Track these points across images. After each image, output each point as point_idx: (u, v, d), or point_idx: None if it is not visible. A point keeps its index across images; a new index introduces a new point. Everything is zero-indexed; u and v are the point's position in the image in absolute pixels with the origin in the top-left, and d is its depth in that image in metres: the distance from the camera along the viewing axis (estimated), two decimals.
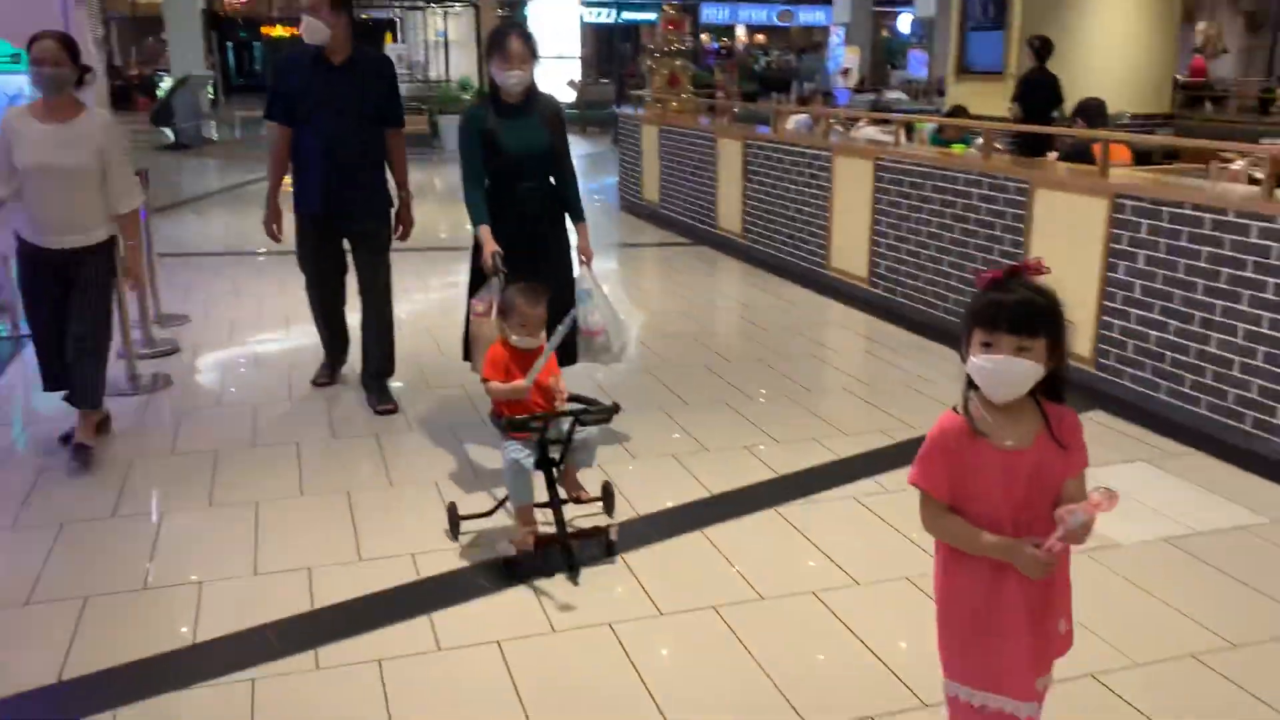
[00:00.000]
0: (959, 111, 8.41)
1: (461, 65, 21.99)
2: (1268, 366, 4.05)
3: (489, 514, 3.41)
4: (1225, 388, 4.23)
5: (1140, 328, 4.63)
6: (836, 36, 29.86)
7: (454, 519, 3.38)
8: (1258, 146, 4.50)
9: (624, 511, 3.58)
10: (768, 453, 4.16)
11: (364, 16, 26.86)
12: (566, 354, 3.84)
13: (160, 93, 24.28)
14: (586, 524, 3.37)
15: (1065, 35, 9.68)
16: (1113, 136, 5.57)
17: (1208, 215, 4.27)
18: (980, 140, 6.53)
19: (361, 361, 4.78)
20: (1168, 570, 3.23)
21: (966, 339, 1.77)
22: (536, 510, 3.19)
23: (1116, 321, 4.73)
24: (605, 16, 32.25)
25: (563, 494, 3.27)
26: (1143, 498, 3.74)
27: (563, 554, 3.13)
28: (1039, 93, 7.79)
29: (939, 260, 5.99)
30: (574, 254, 4.13)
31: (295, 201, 4.56)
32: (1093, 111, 6.32)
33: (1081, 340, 4.91)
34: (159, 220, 7.36)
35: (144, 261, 4.18)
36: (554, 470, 3.22)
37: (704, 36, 40.02)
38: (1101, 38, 9.82)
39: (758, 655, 2.74)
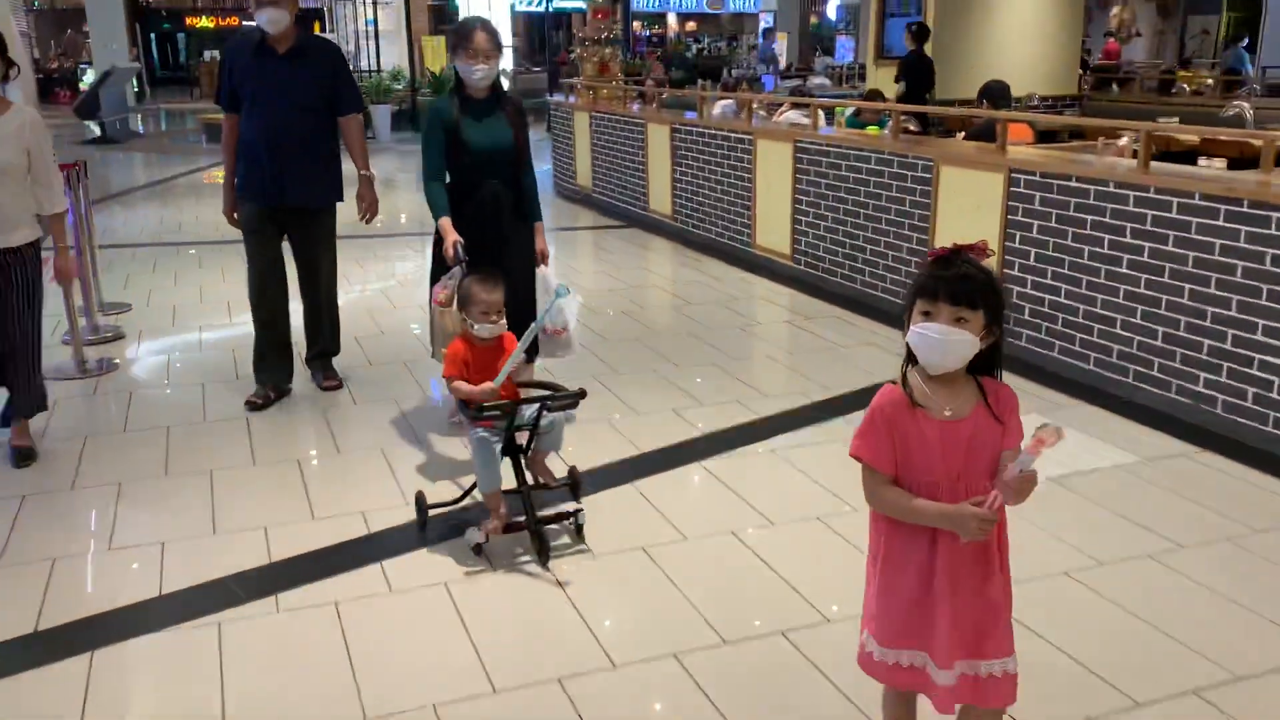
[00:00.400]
0: (875, 95, 8.78)
1: (391, 56, 21.93)
2: (1145, 324, 4.44)
3: (457, 503, 3.43)
4: (1110, 344, 4.63)
5: (1035, 292, 5.01)
6: (764, 22, 30.37)
7: (421, 508, 3.40)
8: (1138, 124, 4.90)
9: (560, 469, 3.85)
10: (693, 414, 4.46)
11: None
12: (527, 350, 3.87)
13: (83, 85, 23.95)
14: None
15: (978, 21, 10.16)
16: (1012, 116, 5.97)
17: (1091, 187, 4.66)
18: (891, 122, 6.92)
19: (307, 343, 4.83)
20: (1049, 503, 3.59)
21: (908, 312, 1.84)
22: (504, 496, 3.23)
23: (1015, 287, 5.12)
24: (536, 5, 32.22)
25: (530, 479, 3.30)
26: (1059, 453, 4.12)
27: (533, 540, 3.17)
28: (916, 74, 8.61)
29: (855, 235, 6.35)
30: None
31: (241, 189, 4.52)
32: (996, 93, 6.72)
33: None
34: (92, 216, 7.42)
35: (74, 261, 4.11)
36: (521, 456, 3.26)
37: (635, 25, 40.26)
38: (1012, 23, 10.30)
39: (681, 586, 3.04)
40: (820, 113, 7.55)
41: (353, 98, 4.59)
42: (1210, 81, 12.60)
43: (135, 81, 23.53)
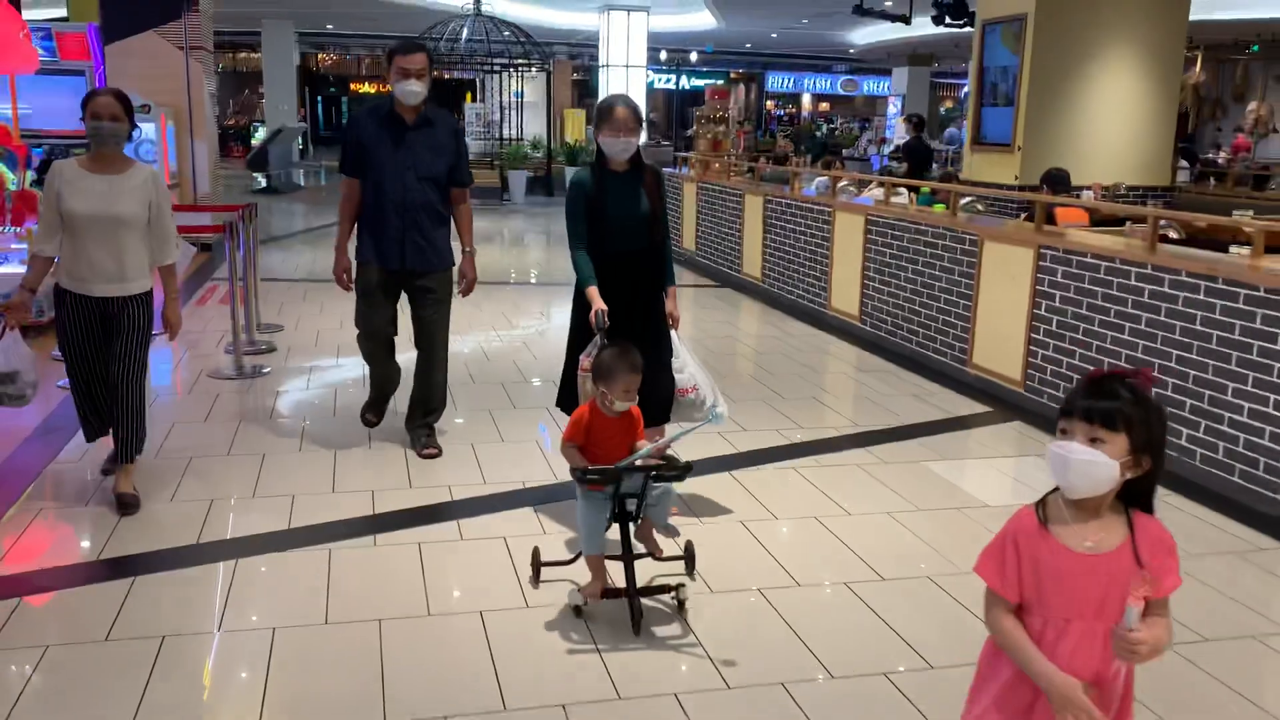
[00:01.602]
0: (949, 177, 9.43)
1: (534, 125, 23.50)
2: (1159, 388, 4.99)
3: (570, 562, 3.50)
4: None
5: (1056, 355, 5.60)
6: (894, 106, 31.10)
7: (536, 564, 3.51)
8: (1150, 210, 5.48)
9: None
10: (734, 437, 5.21)
11: (448, 76, 28.77)
12: (656, 414, 3.98)
13: (254, 141, 26.40)
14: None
15: (1069, 110, 10.71)
16: (1057, 200, 6.58)
17: (1102, 263, 5.27)
18: (965, 201, 7.60)
19: (410, 405, 4.93)
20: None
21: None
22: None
23: (1041, 352, 5.72)
24: (668, 82, 33.74)
25: (638, 549, 3.35)
26: (1029, 480, 4.72)
27: (630, 609, 3.18)
28: (916, 156, 9.96)
29: (913, 300, 7.02)
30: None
31: (360, 253, 4.66)
32: (1055, 180, 7.32)
33: (1013, 366, 5.91)
34: (258, 251, 8.68)
35: (181, 311, 4.30)
36: (629, 525, 3.29)
37: (769, 104, 41.50)
38: (1103, 113, 10.79)
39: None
40: (906, 191, 8.28)
41: (467, 171, 4.76)
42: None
43: (301, 139, 25.84)
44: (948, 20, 14.28)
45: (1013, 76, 10.89)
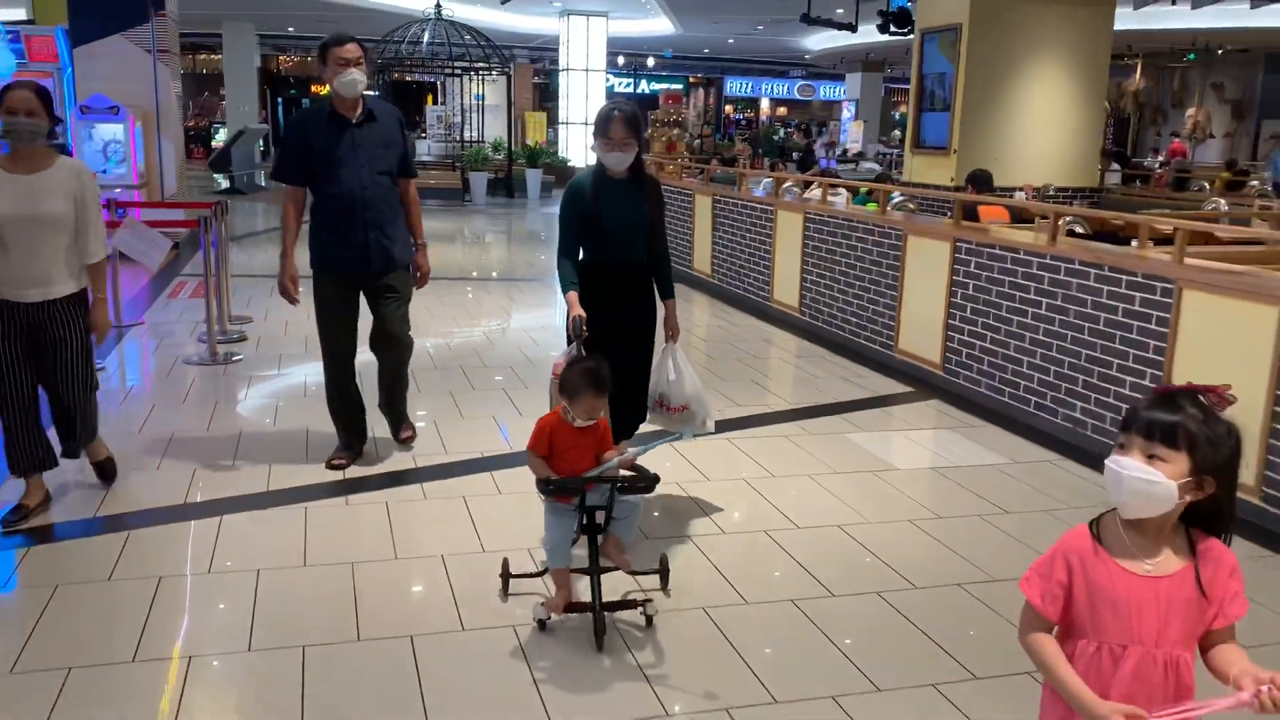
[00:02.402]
0: (884, 178, 9.98)
1: (495, 127, 23.87)
2: (1042, 364, 5.54)
3: (539, 574, 3.46)
4: (1019, 380, 5.72)
5: (970, 339, 6.13)
6: (848, 111, 31.83)
7: (504, 576, 3.47)
8: (1052, 207, 6.03)
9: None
10: None
11: (409, 79, 29.03)
12: (626, 426, 4.01)
13: (215, 143, 26.54)
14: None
15: (1001, 116, 11.31)
16: (978, 199, 7.11)
17: (1009, 254, 5.80)
18: (896, 200, 8.14)
19: (385, 397, 4.91)
20: (922, 481, 4.72)
21: None
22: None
23: (956, 336, 6.25)
24: (628, 86, 34.19)
25: (606, 563, 3.27)
26: (938, 449, 5.24)
27: (594, 624, 3.13)
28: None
29: (847, 291, 7.53)
30: (659, 329, 4.14)
31: (320, 262, 4.48)
32: (978, 180, 7.88)
33: (933, 350, 6.44)
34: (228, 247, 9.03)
35: (110, 313, 4.07)
36: (597, 538, 3.23)
37: (728, 108, 42.14)
38: (1034, 119, 11.41)
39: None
40: (843, 191, 8.81)
41: (412, 162, 4.64)
42: (1210, 182, 13.46)
43: (262, 141, 26.03)
44: (892, 29, 14.90)
45: (949, 83, 11.48)
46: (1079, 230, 6.65)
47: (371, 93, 4.49)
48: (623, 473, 3.23)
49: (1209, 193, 11.82)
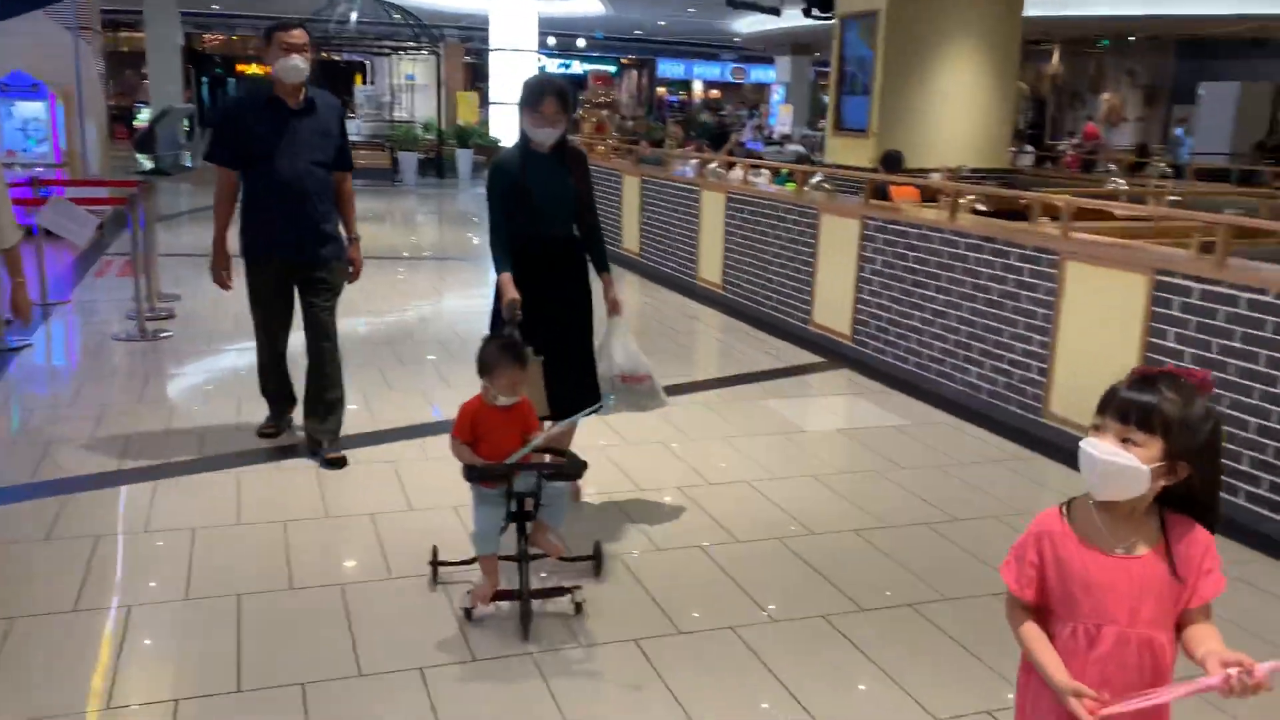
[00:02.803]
0: (803, 159, 10.31)
1: (425, 107, 23.78)
2: (942, 334, 5.89)
3: (469, 562, 3.34)
4: (921, 349, 6.07)
5: (878, 311, 6.47)
6: (777, 94, 32.24)
7: (434, 564, 3.40)
8: (962, 187, 6.38)
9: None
10: None
11: (336, 59, 28.74)
12: (576, 403, 3.72)
13: (138, 123, 26.01)
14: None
15: (917, 99, 11.70)
16: (889, 179, 7.45)
17: (912, 230, 6.13)
18: (815, 180, 8.46)
19: (307, 400, 4.62)
20: (827, 441, 5.03)
21: None
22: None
23: (865, 309, 6.58)
24: (561, 67, 34.21)
25: (535, 550, 3.23)
26: (845, 413, 5.56)
27: (521, 611, 3.09)
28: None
29: (766, 267, 7.83)
30: (595, 304, 4.04)
31: (253, 249, 4.40)
32: (891, 160, 8.22)
33: (844, 322, 6.76)
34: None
35: (34, 293, 3.85)
36: (525, 524, 3.18)
37: (661, 90, 42.35)
38: (948, 102, 11.82)
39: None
40: (766, 172, 9.10)
41: (349, 154, 4.58)
42: (1115, 163, 14.09)
43: (188, 122, 25.60)
44: (815, 13, 15.23)
45: (868, 68, 11.84)
46: (981, 208, 7.03)
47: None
48: (549, 459, 3.17)
49: (1114, 174, 12.37)
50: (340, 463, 4.45)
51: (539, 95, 3.76)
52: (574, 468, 3.20)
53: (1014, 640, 1.79)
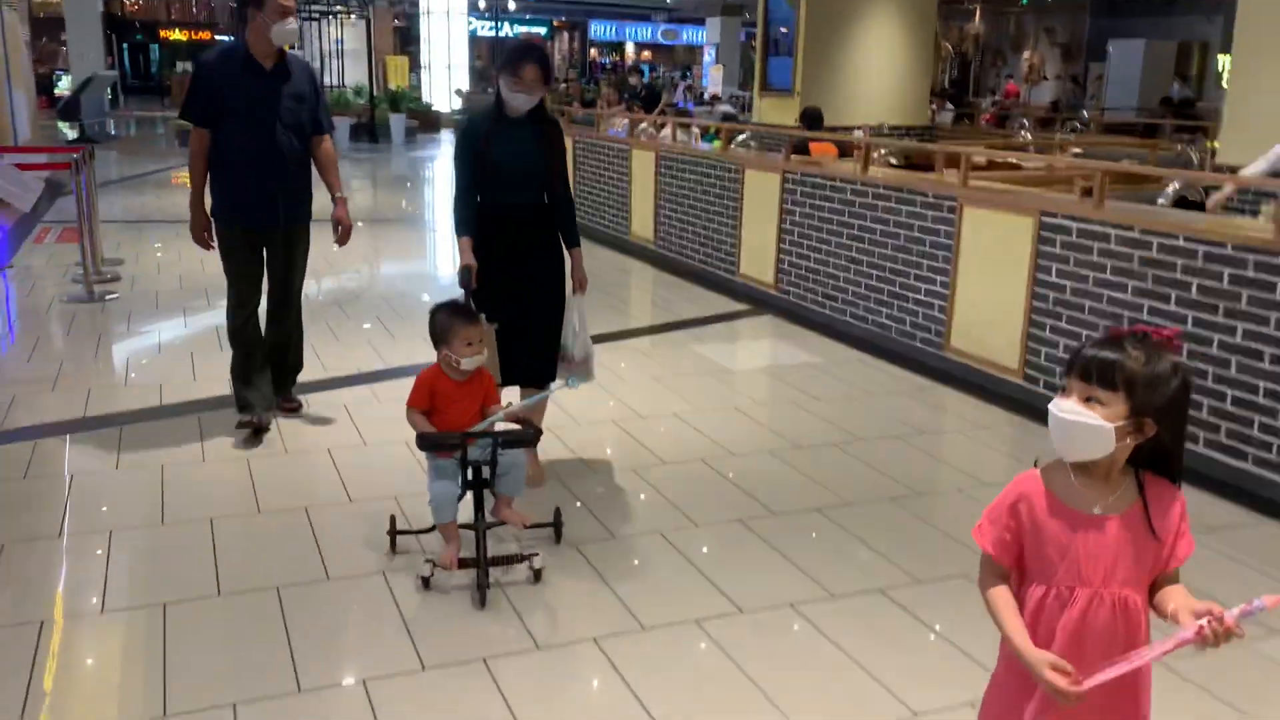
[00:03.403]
0: (729, 118, 10.70)
1: (357, 73, 23.65)
2: (856, 279, 6.33)
3: (427, 531, 3.35)
4: (837, 293, 6.51)
5: (798, 260, 6.90)
6: (709, 55, 32.49)
7: (392, 533, 3.38)
8: (876, 140, 6.81)
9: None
10: None
11: None
12: (538, 374, 3.89)
13: (58, 91, 25.48)
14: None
15: (839, 59, 12.14)
16: (809, 135, 7.86)
17: (827, 183, 6.56)
18: (740, 138, 8.84)
19: (269, 360, 4.62)
20: (749, 379, 5.46)
21: None
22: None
23: (786, 258, 7.00)
24: (491, 30, 34.07)
25: (492, 519, 3.26)
26: (766, 354, 6.00)
27: (478, 579, 3.07)
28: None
29: (695, 222, 8.22)
30: (567, 278, 3.97)
31: (224, 209, 4.37)
32: (810, 117, 8.63)
33: (768, 271, 7.19)
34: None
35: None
36: (483, 492, 3.18)
37: (593, 52, 42.35)
38: (869, 62, 12.28)
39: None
40: (695, 130, 9.45)
41: (328, 117, 4.59)
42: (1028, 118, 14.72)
43: (110, 90, 25.11)
44: None
45: (791, 30, 12.23)
46: (893, 161, 7.47)
47: (228, 38, 4.44)
48: (504, 426, 3.17)
49: (1026, 128, 12.96)
50: (297, 409, 4.70)
51: (520, 60, 3.69)
52: (528, 435, 3.22)
53: (916, 536, 2.19)
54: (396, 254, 9.32)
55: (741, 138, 8.98)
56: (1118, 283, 4.62)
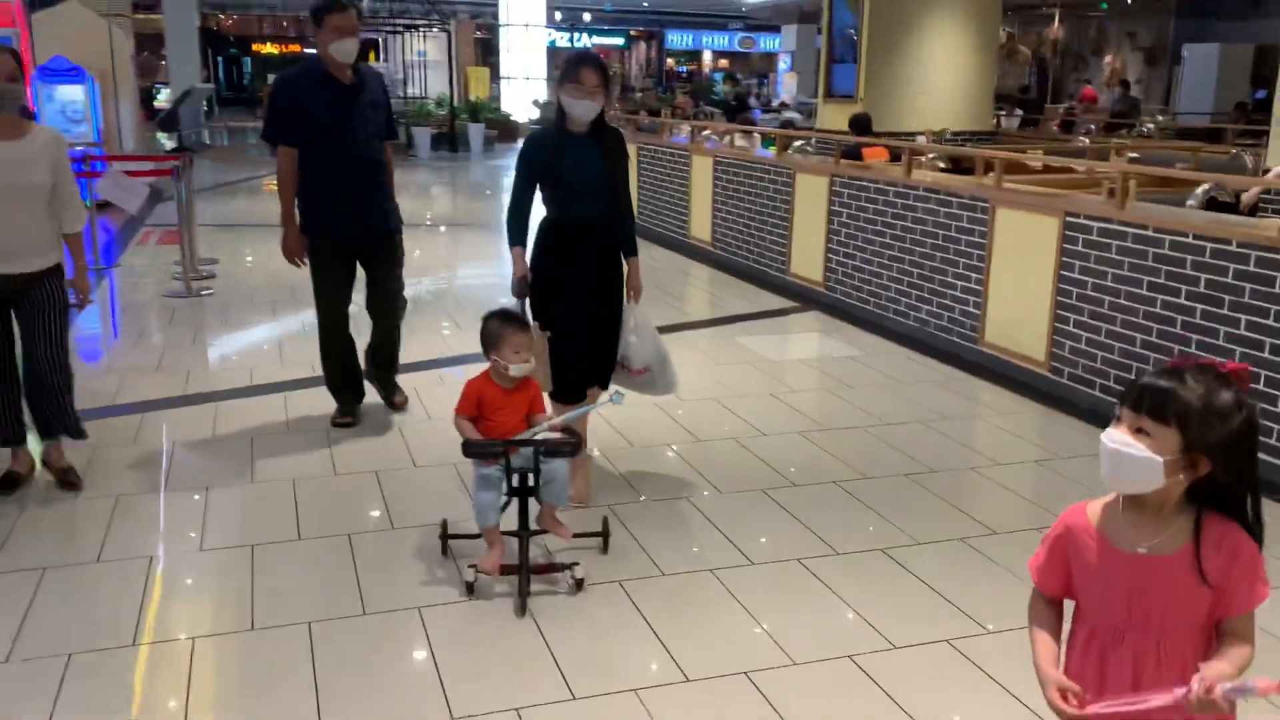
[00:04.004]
0: (787, 124, 11.00)
1: (438, 83, 24.48)
2: (898, 276, 6.63)
3: (478, 535, 3.34)
4: (880, 290, 6.81)
5: (845, 259, 7.21)
6: (784, 63, 32.73)
7: (444, 537, 3.45)
8: (919, 145, 7.10)
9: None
10: None
11: None
12: (595, 378, 3.97)
13: (157, 103, 26.87)
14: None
15: (902, 67, 12.36)
16: (866, 141, 8.17)
17: (871, 185, 6.87)
18: (796, 144, 9.17)
19: (369, 357, 4.87)
20: (788, 368, 5.81)
21: None
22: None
23: (834, 257, 7.32)
24: (569, 40, 34.77)
25: (537, 528, 3.30)
26: (808, 346, 6.34)
27: (519, 587, 3.12)
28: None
29: (750, 224, 8.58)
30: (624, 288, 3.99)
31: (316, 225, 4.48)
32: (859, 124, 8.92)
33: (816, 270, 7.51)
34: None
35: (90, 282, 4.01)
36: (528, 500, 3.22)
37: (670, 61, 42.86)
38: (931, 70, 12.47)
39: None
40: (756, 137, 9.83)
41: (394, 123, 4.75)
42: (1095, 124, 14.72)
43: (206, 102, 26.38)
44: None
45: (855, 37, 12.49)
46: (941, 165, 7.74)
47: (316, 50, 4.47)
48: (547, 435, 3.20)
49: (1093, 134, 13.01)
50: (404, 404, 4.94)
51: (578, 66, 3.71)
52: (570, 445, 3.21)
53: (923, 507, 2.46)
54: (472, 256, 9.85)
55: (798, 144, 9.30)
56: (1133, 279, 4.86)
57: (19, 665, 2.83)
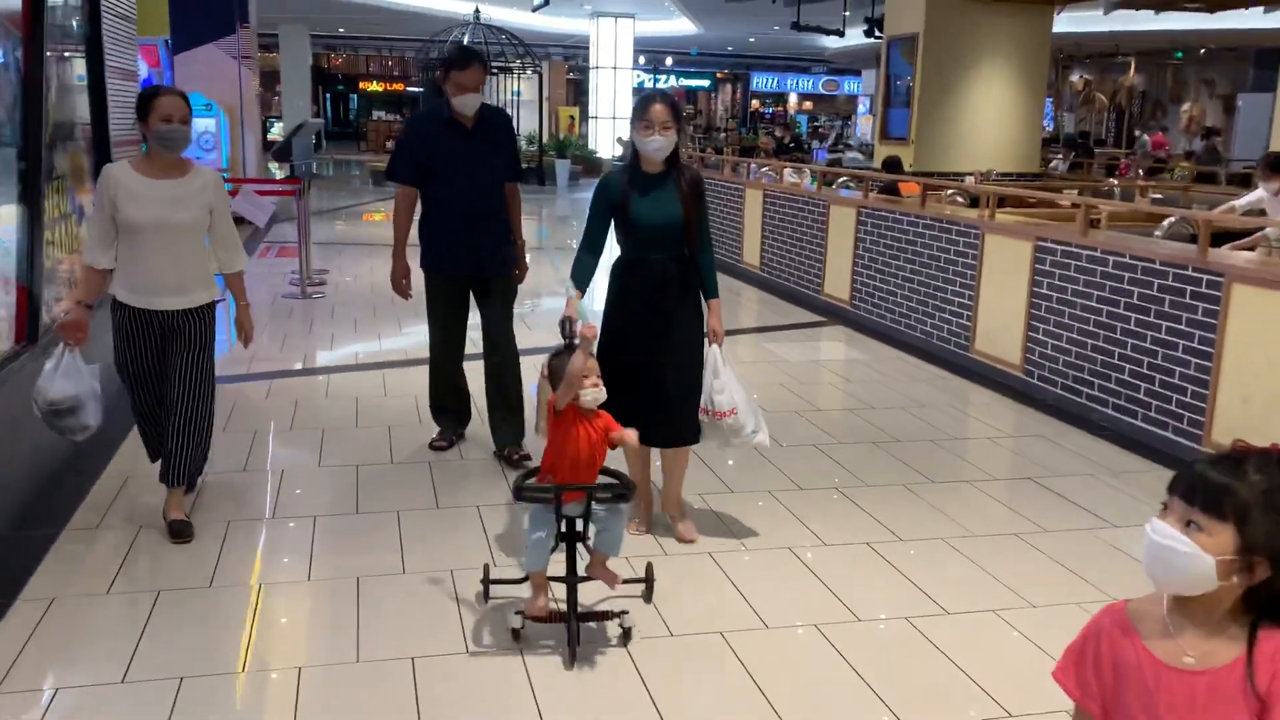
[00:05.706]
0: (835, 163, 11.98)
1: (530, 122, 26.05)
2: (908, 293, 7.58)
3: (521, 581, 3.29)
4: (895, 306, 7.77)
5: (868, 280, 8.18)
6: (863, 105, 33.66)
7: (486, 582, 3.35)
8: (941, 182, 8.06)
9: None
10: None
11: None
12: (683, 434, 3.91)
13: (271, 136, 29.04)
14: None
15: (953, 112, 13.27)
16: (900, 177, 9.14)
17: (889, 215, 7.85)
18: (840, 180, 10.19)
19: (490, 408, 4.87)
20: (801, 368, 6.81)
21: None
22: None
23: (859, 278, 8.30)
24: (658, 83, 36.18)
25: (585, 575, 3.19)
26: (825, 353, 7.33)
27: (568, 634, 3.04)
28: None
29: (792, 250, 9.59)
30: (704, 330, 3.91)
31: (432, 262, 4.63)
32: (890, 165, 9.91)
33: (844, 290, 8.49)
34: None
35: (252, 320, 4.13)
36: (577, 544, 3.13)
37: (755, 103, 44.08)
38: (980, 114, 13.34)
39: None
40: (808, 172, 10.88)
41: (519, 166, 4.80)
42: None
43: (314, 136, 28.45)
44: (876, 33, 16.89)
45: (909, 83, 13.46)
46: (960, 200, 8.67)
47: (418, 89, 5.25)
48: (601, 479, 3.12)
49: (1138, 177, 13.71)
50: (527, 458, 4.63)
51: (647, 103, 3.68)
52: (624, 490, 3.14)
53: (879, 462, 3.40)
54: (555, 283, 11.06)
55: (841, 180, 10.31)
56: (1085, 292, 5.77)
57: (132, 686, 2.87)
